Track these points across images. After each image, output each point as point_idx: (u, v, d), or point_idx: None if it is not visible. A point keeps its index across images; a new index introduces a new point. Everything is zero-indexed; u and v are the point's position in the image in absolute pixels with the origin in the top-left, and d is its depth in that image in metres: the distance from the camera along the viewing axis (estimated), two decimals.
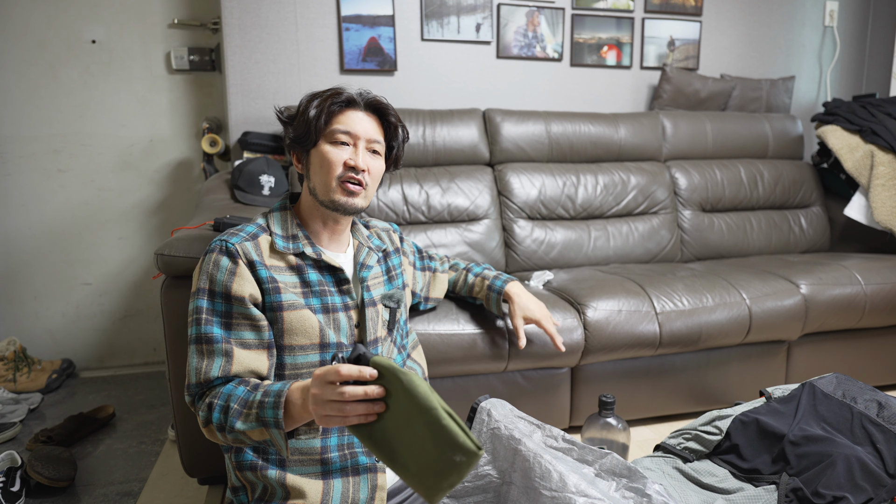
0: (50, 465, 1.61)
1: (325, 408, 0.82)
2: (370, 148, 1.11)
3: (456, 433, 0.76)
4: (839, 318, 2.01)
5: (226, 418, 0.93)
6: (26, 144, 2.41)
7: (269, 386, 0.93)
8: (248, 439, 0.93)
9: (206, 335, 0.99)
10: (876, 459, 1.25)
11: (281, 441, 0.90)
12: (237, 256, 1.02)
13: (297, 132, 1.10)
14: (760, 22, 2.91)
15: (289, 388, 0.90)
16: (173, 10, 2.47)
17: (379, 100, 1.13)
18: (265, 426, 0.90)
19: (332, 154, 1.08)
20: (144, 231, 2.58)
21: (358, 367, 0.80)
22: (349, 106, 1.10)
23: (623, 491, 1.00)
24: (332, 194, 1.08)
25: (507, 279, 1.50)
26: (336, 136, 1.08)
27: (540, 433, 1.11)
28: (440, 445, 0.77)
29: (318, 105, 1.09)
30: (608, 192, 2.40)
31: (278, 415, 0.88)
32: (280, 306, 1.03)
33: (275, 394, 0.90)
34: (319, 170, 1.08)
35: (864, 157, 2.48)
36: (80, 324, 2.56)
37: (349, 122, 1.09)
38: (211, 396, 0.96)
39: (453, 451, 0.76)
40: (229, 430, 0.93)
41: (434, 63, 2.51)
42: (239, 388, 0.96)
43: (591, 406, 1.83)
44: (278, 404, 0.89)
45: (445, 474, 0.78)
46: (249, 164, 2.04)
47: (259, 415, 0.90)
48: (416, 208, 2.18)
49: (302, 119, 1.09)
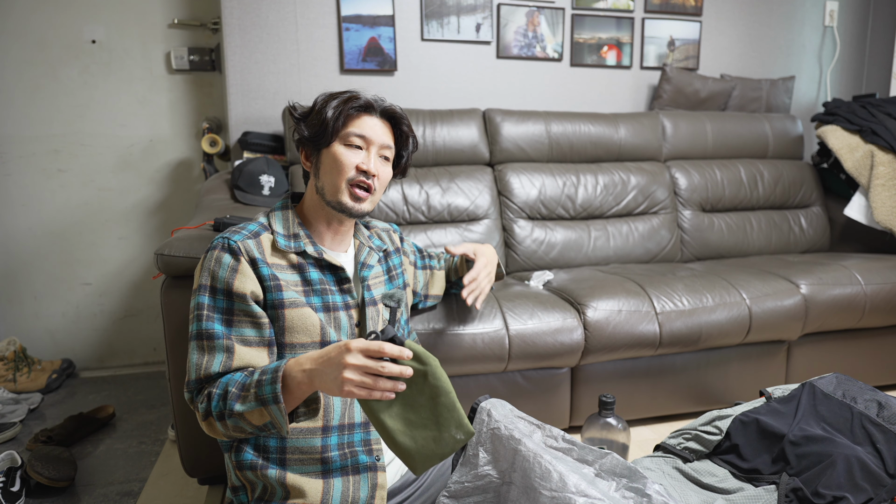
0: (50, 465, 1.61)
1: (357, 375, 0.85)
2: (381, 154, 1.13)
3: (463, 414, 0.90)
4: (839, 318, 2.01)
5: (225, 403, 0.93)
6: (26, 144, 2.41)
7: (266, 365, 0.95)
8: (248, 424, 0.93)
9: (206, 331, 0.99)
10: (876, 459, 1.25)
11: (280, 418, 0.90)
12: (239, 254, 1.02)
13: (312, 130, 1.11)
14: (760, 22, 2.91)
15: (286, 364, 0.92)
16: (173, 10, 2.47)
17: (394, 108, 1.15)
18: (264, 404, 0.90)
19: (345, 156, 1.09)
20: (144, 231, 2.58)
21: (399, 347, 0.86)
22: (366, 111, 1.12)
23: (623, 491, 1.00)
24: (339, 196, 1.09)
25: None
26: (350, 138, 1.10)
27: (540, 433, 1.11)
28: (447, 424, 0.89)
29: (336, 106, 1.10)
30: (608, 192, 2.40)
31: (276, 389, 0.89)
32: (281, 304, 1.03)
33: (271, 370, 0.92)
34: (330, 170, 1.09)
35: (864, 157, 2.48)
36: (80, 324, 2.56)
37: (365, 127, 1.10)
38: (210, 387, 0.97)
39: (457, 430, 0.90)
40: (229, 415, 0.93)
41: (434, 63, 2.51)
42: (237, 375, 0.97)
43: (591, 406, 1.83)
44: (276, 379, 0.90)
45: (443, 449, 0.90)
46: (249, 164, 2.04)
47: (257, 393, 0.91)
48: (416, 208, 2.18)
49: (318, 118, 1.10)
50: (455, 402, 0.89)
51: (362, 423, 1.07)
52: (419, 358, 0.89)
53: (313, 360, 0.91)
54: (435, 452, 0.90)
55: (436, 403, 0.89)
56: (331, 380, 0.87)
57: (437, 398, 0.89)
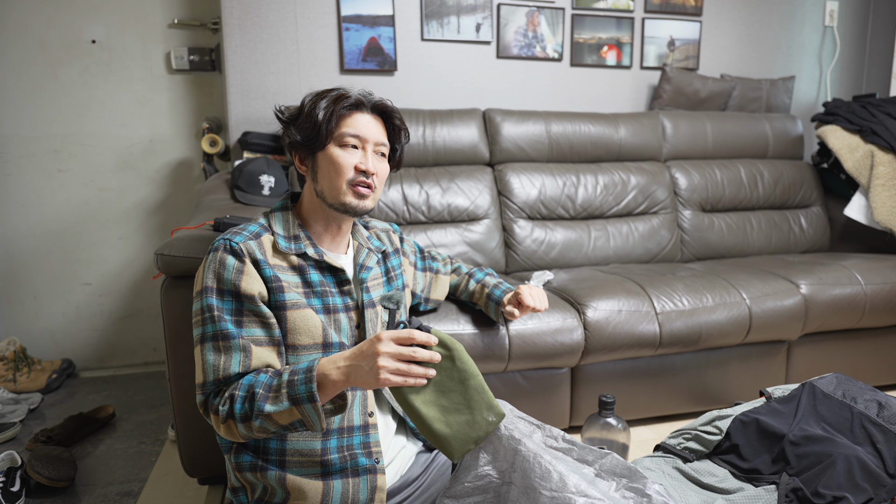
0: (50, 465, 1.61)
1: (391, 362, 0.89)
2: (377, 151, 1.11)
3: (492, 396, 0.94)
4: (839, 318, 2.01)
5: (251, 405, 0.93)
6: (26, 144, 2.41)
7: (295, 366, 0.95)
8: (275, 424, 0.93)
9: (222, 332, 0.98)
10: (876, 459, 1.25)
11: (314, 416, 0.91)
12: (242, 255, 1.01)
13: (304, 134, 1.09)
14: (760, 22, 2.91)
15: (320, 363, 0.93)
16: (173, 10, 2.47)
17: (385, 102, 1.13)
18: (297, 404, 0.91)
19: (342, 158, 1.07)
20: (144, 231, 2.58)
21: (426, 334, 0.91)
22: (357, 108, 1.10)
23: (623, 491, 1.00)
24: (342, 197, 1.07)
25: (507, 289, 1.47)
26: (345, 139, 1.08)
27: (540, 433, 1.11)
28: (479, 407, 0.93)
29: (326, 107, 1.08)
30: (608, 192, 2.40)
31: (312, 388, 0.90)
32: (284, 305, 1.03)
33: (303, 370, 0.93)
34: (329, 173, 1.08)
35: (864, 157, 2.48)
36: (80, 324, 2.56)
37: (358, 126, 1.09)
38: (231, 389, 0.96)
39: (489, 412, 0.94)
40: (256, 416, 0.92)
41: (434, 63, 2.51)
42: (261, 376, 0.96)
43: (591, 406, 1.83)
44: (310, 379, 0.91)
45: (477, 433, 0.94)
46: (249, 164, 2.04)
47: (290, 393, 0.91)
48: (416, 208, 2.18)
49: (308, 120, 1.08)
50: (484, 385, 0.93)
51: (361, 426, 1.07)
52: (445, 344, 0.93)
53: (347, 357, 0.93)
54: (469, 436, 0.93)
55: (466, 387, 0.93)
56: (366, 371, 0.89)
57: (466, 381, 0.93)
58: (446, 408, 0.93)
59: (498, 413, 0.94)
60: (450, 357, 0.93)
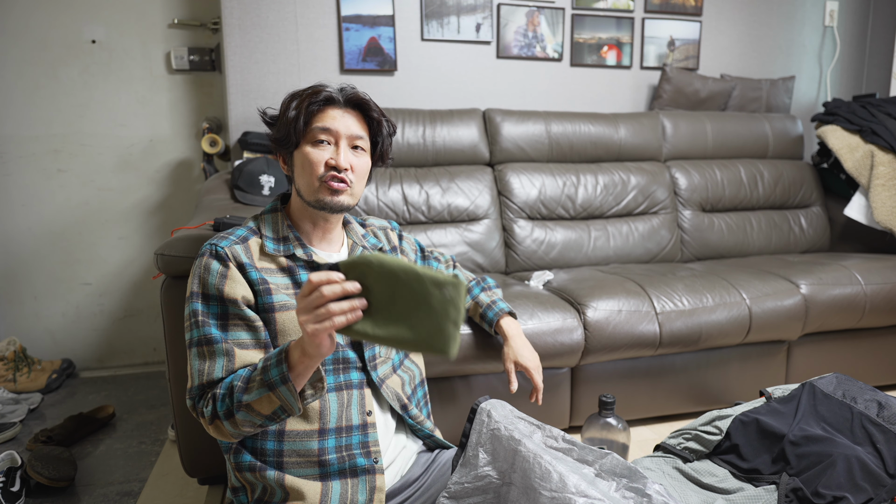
0: (50, 465, 1.61)
1: (312, 316, 0.83)
2: (353, 145, 1.10)
3: (434, 273, 0.82)
4: (839, 318, 2.01)
5: (231, 400, 0.93)
6: (26, 144, 2.41)
7: (267, 353, 0.95)
8: (258, 416, 0.93)
9: (205, 337, 0.99)
10: (876, 459, 1.25)
11: (290, 397, 0.90)
12: (227, 259, 1.02)
13: (279, 134, 1.10)
14: (760, 22, 2.91)
15: (288, 346, 0.91)
16: (173, 10, 2.47)
17: (359, 95, 1.11)
18: (272, 388, 0.90)
19: (313, 155, 1.07)
20: (144, 231, 2.58)
21: (323, 273, 0.83)
22: (329, 104, 1.09)
23: (623, 491, 1.00)
24: (316, 194, 1.07)
25: (499, 311, 1.45)
26: (316, 135, 1.07)
27: (540, 434, 1.10)
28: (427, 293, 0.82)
29: (297, 106, 1.08)
30: (608, 192, 2.40)
31: (283, 370, 0.89)
32: (272, 307, 1.03)
33: (275, 354, 0.92)
34: (302, 171, 1.08)
35: (864, 157, 2.48)
36: (80, 324, 2.56)
37: (329, 121, 1.08)
38: (212, 390, 0.97)
39: (438, 289, 0.81)
40: (237, 409, 0.92)
41: (434, 63, 2.51)
42: (240, 371, 0.97)
43: (591, 406, 1.83)
44: (280, 360, 0.90)
45: (448, 316, 0.82)
46: (249, 164, 2.04)
47: (263, 379, 0.91)
48: (416, 208, 2.18)
49: (283, 121, 1.09)
50: (416, 270, 0.82)
51: (360, 425, 1.07)
52: (356, 264, 0.85)
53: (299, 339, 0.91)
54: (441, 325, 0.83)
55: (402, 285, 0.83)
56: (303, 336, 0.87)
57: (398, 280, 0.83)
58: (401, 315, 0.84)
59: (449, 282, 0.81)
60: (370, 272, 0.84)
